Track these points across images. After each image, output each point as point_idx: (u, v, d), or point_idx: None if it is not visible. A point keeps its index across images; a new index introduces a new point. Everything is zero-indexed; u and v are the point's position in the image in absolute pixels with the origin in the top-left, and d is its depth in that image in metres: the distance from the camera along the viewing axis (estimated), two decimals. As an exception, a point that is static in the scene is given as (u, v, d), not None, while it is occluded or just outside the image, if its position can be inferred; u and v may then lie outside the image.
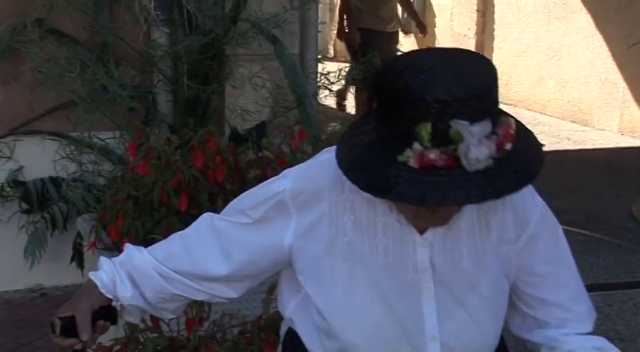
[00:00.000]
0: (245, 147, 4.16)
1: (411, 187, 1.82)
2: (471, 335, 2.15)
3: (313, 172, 2.16)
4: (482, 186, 1.82)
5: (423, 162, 1.81)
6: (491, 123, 1.81)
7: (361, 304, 2.11)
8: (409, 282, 2.11)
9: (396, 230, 2.10)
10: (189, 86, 4.78)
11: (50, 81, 4.90)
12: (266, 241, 2.15)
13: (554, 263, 2.24)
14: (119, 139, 5.12)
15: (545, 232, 2.22)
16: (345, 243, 2.11)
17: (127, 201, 3.59)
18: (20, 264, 5.23)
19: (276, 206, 2.13)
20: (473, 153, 1.79)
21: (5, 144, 5.33)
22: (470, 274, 2.13)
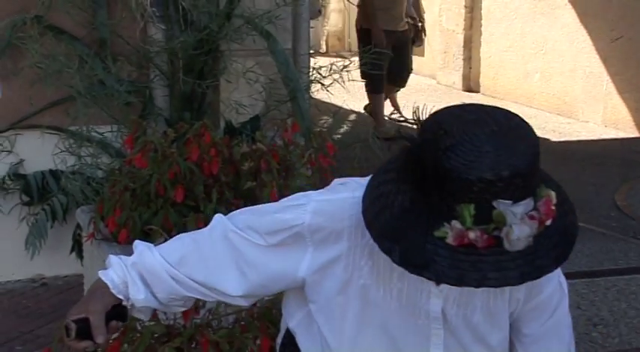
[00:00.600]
0: (239, 139, 4.14)
1: (450, 267, 1.75)
2: None
3: (334, 211, 2.04)
4: (522, 266, 1.75)
5: (462, 240, 1.73)
6: (533, 199, 1.74)
7: (369, 344, 2.08)
8: (419, 326, 2.06)
9: (412, 277, 1.93)
10: (184, 81, 4.77)
11: (49, 76, 4.91)
12: (280, 269, 2.08)
13: (547, 333, 2.16)
14: (117, 133, 5.11)
15: (551, 303, 2.13)
16: (359, 285, 2.04)
17: (125, 193, 3.58)
18: (21, 255, 5.25)
19: (293, 236, 2.05)
20: (515, 233, 1.71)
21: (6, 138, 5.33)
22: (480, 328, 2.08)
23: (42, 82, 5.04)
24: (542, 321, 2.13)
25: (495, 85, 11.86)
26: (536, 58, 11.29)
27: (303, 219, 2.02)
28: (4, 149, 5.33)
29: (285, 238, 2.04)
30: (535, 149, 1.79)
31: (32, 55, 5.01)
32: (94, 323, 2.02)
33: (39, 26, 5.08)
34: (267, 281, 2.10)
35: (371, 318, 2.06)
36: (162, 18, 4.88)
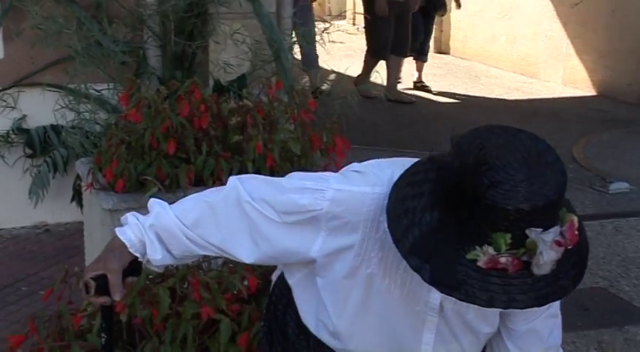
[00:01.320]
0: (227, 97, 4.13)
1: (480, 289, 1.73)
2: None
3: (353, 203, 1.97)
4: (546, 288, 1.74)
5: (494, 265, 1.71)
6: (560, 225, 1.72)
7: (368, 325, 2.06)
8: (416, 312, 2.04)
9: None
10: (176, 42, 4.75)
11: (49, 37, 4.87)
12: (292, 246, 2.03)
13: (533, 331, 2.12)
14: (113, 90, 5.09)
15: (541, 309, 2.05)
16: (367, 274, 2.00)
17: (121, 146, 3.57)
18: (25, 204, 5.26)
19: (308, 219, 1.99)
20: (544, 259, 1.69)
21: (9, 95, 5.31)
22: (472, 323, 2.07)
23: (42, 43, 4.99)
24: (529, 321, 2.09)
25: (464, 48, 11.85)
26: (502, 22, 11.28)
27: (322, 206, 1.96)
28: (8, 105, 5.31)
29: (301, 220, 1.99)
30: (564, 178, 1.74)
31: (33, 17, 4.96)
32: (112, 281, 2.00)
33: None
34: (278, 254, 2.07)
35: (373, 303, 2.03)
36: (155, -18, 4.83)
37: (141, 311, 2.34)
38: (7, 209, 5.39)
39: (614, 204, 6.16)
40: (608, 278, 4.89)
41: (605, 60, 9.69)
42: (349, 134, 3.97)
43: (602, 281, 4.84)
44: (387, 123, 8.32)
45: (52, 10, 4.95)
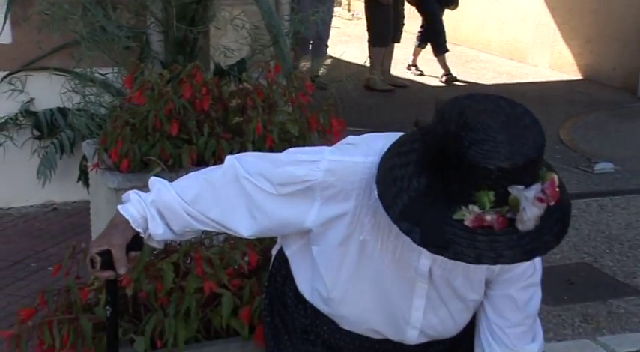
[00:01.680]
0: (227, 80, 4.13)
1: (468, 247, 1.74)
2: (446, 326, 2.12)
3: (347, 172, 1.98)
4: (531, 243, 1.75)
5: (480, 223, 1.73)
6: (541, 183, 1.74)
7: (361, 289, 2.06)
8: (407, 278, 2.04)
9: (407, 237, 1.88)
10: (178, 27, 4.74)
11: (55, 23, 4.87)
12: (288, 217, 2.03)
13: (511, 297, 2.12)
14: (117, 74, 5.10)
15: (523, 278, 2.10)
16: (360, 240, 2.01)
17: (125, 128, 3.56)
18: (34, 183, 5.25)
19: (304, 190, 2.00)
20: (527, 215, 1.71)
21: (18, 79, 5.30)
22: (459, 290, 2.06)
23: (49, 28, 4.98)
24: (509, 287, 2.09)
25: (456, 33, 11.79)
26: (492, 9, 11.26)
27: (316, 176, 1.97)
28: (17, 89, 5.30)
29: (296, 191, 1.99)
30: (542, 138, 1.76)
31: (39, 3, 4.96)
32: (116, 256, 2.01)
33: (46, -23, 5.04)
34: (275, 226, 2.07)
35: (365, 269, 2.03)
36: (158, -31, 4.82)
37: (146, 285, 2.35)
38: (16, 188, 5.38)
39: (598, 184, 6.16)
40: (593, 254, 4.90)
41: (590, 45, 9.68)
42: (345, 117, 3.97)
43: (587, 257, 4.86)
44: (382, 106, 8.32)
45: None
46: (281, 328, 2.21)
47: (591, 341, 3.91)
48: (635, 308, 4.24)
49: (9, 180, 5.36)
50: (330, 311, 2.11)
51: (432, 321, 2.09)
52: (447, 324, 2.11)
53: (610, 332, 4.00)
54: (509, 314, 2.11)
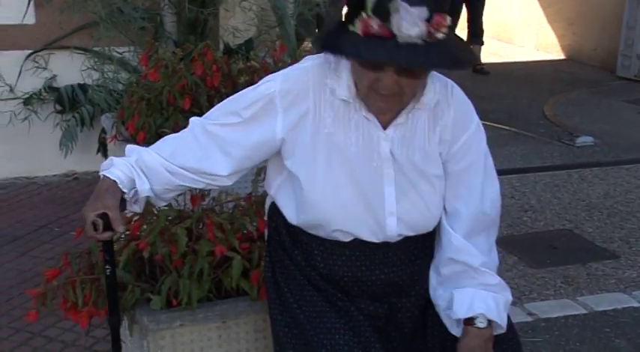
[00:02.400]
0: (236, 58, 4.10)
1: (351, 46, 1.85)
2: (420, 212, 2.11)
3: (299, 75, 2.07)
4: (410, 54, 1.80)
5: (366, 29, 1.80)
6: (428, 11, 1.77)
7: (337, 184, 2.06)
8: (374, 168, 2.07)
9: (365, 126, 2.04)
10: (190, 9, 4.73)
11: (76, 4, 4.88)
12: (259, 137, 2.08)
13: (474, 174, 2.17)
14: (133, 53, 5.10)
15: (472, 146, 2.15)
16: (325, 134, 2.05)
17: (141, 102, 3.56)
18: (57, 154, 5.26)
19: (265, 105, 2.05)
20: (405, 26, 1.76)
21: (41, 57, 5.30)
22: (420, 165, 2.08)
23: (70, 10, 4.97)
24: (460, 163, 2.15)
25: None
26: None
27: (274, 87, 2.05)
28: (40, 66, 5.29)
29: (259, 109, 2.06)
30: None
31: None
32: (114, 216, 2.01)
33: (67, -39, 5.02)
34: (250, 151, 2.11)
35: (336, 163, 2.07)
36: (171, -46, 4.80)
37: (161, 249, 2.34)
38: (40, 159, 5.39)
39: (579, 156, 6.16)
40: (574, 221, 4.90)
41: (573, 27, 9.65)
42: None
43: (568, 224, 4.86)
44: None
45: (79, -20, 4.93)
46: (281, 281, 2.21)
47: (571, 301, 3.92)
48: (612, 271, 4.25)
49: (34, 152, 5.37)
50: (317, 217, 2.11)
51: (405, 206, 2.10)
52: (420, 208, 2.12)
53: (589, 293, 4.00)
54: (466, 199, 2.15)
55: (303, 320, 2.13)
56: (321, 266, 2.16)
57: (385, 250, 2.14)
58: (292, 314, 2.16)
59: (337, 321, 2.10)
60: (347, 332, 2.09)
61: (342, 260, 2.15)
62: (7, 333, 3.51)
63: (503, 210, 4.76)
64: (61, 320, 3.21)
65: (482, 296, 2.13)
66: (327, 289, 2.16)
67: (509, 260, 4.35)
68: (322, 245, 2.15)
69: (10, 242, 4.44)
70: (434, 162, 2.11)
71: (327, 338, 2.08)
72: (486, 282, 2.15)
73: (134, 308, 2.35)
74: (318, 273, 2.17)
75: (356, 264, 2.15)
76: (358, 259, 2.14)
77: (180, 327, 2.31)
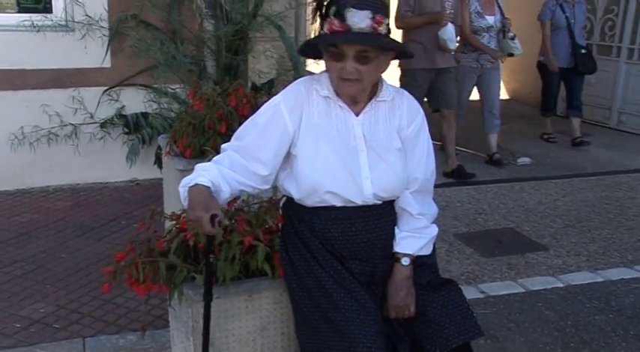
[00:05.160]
0: (261, 94, 4.08)
1: (322, 40, 2.05)
2: (388, 176, 2.17)
3: (294, 88, 2.18)
4: (360, 37, 2.00)
5: (331, 28, 2.00)
6: (372, 13, 2.00)
7: (324, 158, 2.14)
8: (352, 147, 2.15)
9: (341, 115, 2.16)
10: (226, 56, 4.73)
11: (141, 52, 4.90)
12: (278, 136, 2.15)
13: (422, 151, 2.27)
14: (183, 89, 5.12)
15: (421, 133, 2.26)
16: (314, 124, 2.14)
17: (189, 127, 3.54)
18: (124, 165, 5.27)
19: (274, 113, 2.14)
20: (356, 21, 1.98)
21: (114, 92, 5.31)
22: (384, 142, 2.18)
23: (137, 56, 5.01)
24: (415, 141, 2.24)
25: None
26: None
27: (279, 99, 2.16)
28: (113, 99, 5.30)
29: (270, 116, 2.14)
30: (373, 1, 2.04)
31: (131, 39, 4.99)
32: (220, 216, 1.99)
33: (135, 21, 5.07)
34: (276, 149, 2.15)
35: (324, 143, 2.14)
36: (212, 16, 4.80)
37: (203, 239, 2.32)
38: (112, 169, 5.39)
39: (520, 172, 6.16)
40: (516, 222, 4.89)
41: (515, 75, 9.65)
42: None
43: (511, 224, 4.84)
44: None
45: (144, 34, 4.99)
46: (292, 257, 2.23)
47: (513, 282, 3.91)
48: (543, 260, 4.23)
49: (107, 163, 5.37)
50: (311, 184, 2.16)
51: (376, 172, 2.16)
52: (388, 173, 2.18)
53: (526, 276, 4.00)
54: (418, 168, 2.25)
55: (310, 285, 2.17)
56: (320, 235, 2.19)
57: (368, 215, 2.19)
58: (302, 281, 2.19)
59: (334, 283, 2.14)
60: (342, 290, 2.13)
61: (336, 224, 2.18)
62: (87, 300, 3.51)
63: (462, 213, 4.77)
64: (126, 292, 3.18)
65: (410, 241, 2.23)
66: (325, 256, 2.18)
67: (467, 251, 4.33)
68: (320, 216, 2.19)
69: (89, 231, 4.43)
70: (394, 139, 2.19)
71: (326, 296, 2.13)
72: (417, 226, 2.24)
73: (182, 284, 2.32)
74: (319, 241, 2.19)
75: (347, 225, 2.18)
76: (348, 222, 2.18)
77: (216, 299, 2.28)
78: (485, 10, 6.04)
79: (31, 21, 4.92)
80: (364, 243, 2.19)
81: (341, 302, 2.10)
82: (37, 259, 3.97)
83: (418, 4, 5.46)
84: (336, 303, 2.10)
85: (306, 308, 2.17)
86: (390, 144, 2.18)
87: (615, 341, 3.29)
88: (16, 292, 3.57)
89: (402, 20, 5.48)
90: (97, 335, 3.13)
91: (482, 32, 6.02)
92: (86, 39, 5.06)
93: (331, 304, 2.11)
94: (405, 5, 5.49)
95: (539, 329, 3.37)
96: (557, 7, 6.77)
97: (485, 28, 6.02)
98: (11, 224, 4.50)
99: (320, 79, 2.17)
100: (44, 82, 5.07)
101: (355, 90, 2.10)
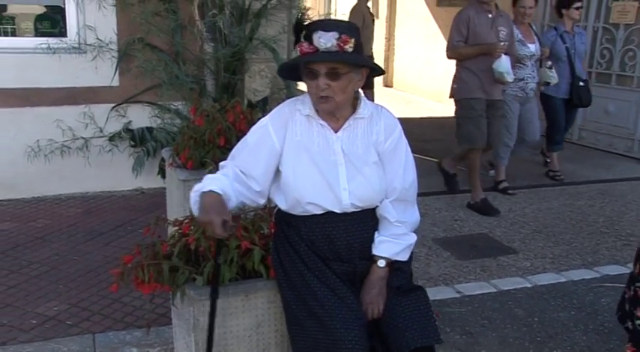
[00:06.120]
0: (256, 110, 4.10)
1: (293, 60, 2.11)
2: (364, 187, 2.19)
3: (280, 110, 2.23)
4: (327, 55, 2.03)
5: (301, 50, 2.04)
6: (338, 33, 2.03)
7: (306, 172, 2.17)
8: (332, 161, 2.18)
9: (322, 132, 2.19)
10: (224, 76, 4.74)
11: (147, 72, 4.89)
12: (266, 153, 2.19)
13: (399, 163, 2.27)
14: (185, 106, 5.11)
15: (399, 145, 2.26)
16: (296, 141, 2.18)
17: (190, 140, 3.54)
18: (130, 176, 5.27)
19: (263, 133, 2.19)
20: (323, 42, 2.02)
21: (122, 108, 5.28)
22: (362, 156, 2.19)
23: (143, 76, 5.01)
24: (392, 154, 2.25)
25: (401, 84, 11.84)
26: (425, 68, 11.27)
27: (267, 121, 2.21)
28: (120, 114, 5.28)
29: (259, 136, 2.19)
30: (345, 22, 2.13)
31: (138, 60, 4.98)
32: (231, 221, 2.02)
33: (142, 43, 5.05)
34: (265, 166, 2.20)
35: (305, 158, 2.17)
36: (212, 39, 4.80)
37: (204, 243, 2.32)
38: (119, 179, 5.37)
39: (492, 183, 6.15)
40: (489, 228, 4.91)
41: (488, 93, 9.69)
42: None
43: (484, 230, 4.87)
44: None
45: (149, 56, 4.99)
46: (282, 259, 2.26)
47: (486, 283, 3.92)
48: (514, 262, 4.26)
49: (114, 173, 5.35)
50: (295, 196, 2.18)
51: (354, 183, 2.18)
52: (365, 186, 2.19)
53: (498, 277, 4.01)
54: (395, 178, 2.24)
55: (297, 283, 2.20)
56: (306, 238, 2.22)
57: (348, 220, 2.21)
58: (291, 281, 2.22)
59: (318, 282, 2.17)
60: (325, 288, 2.16)
61: (319, 229, 2.21)
62: (97, 298, 3.51)
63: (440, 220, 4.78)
64: (133, 291, 3.19)
65: (387, 245, 2.23)
66: (311, 258, 2.20)
67: (444, 254, 4.35)
68: (305, 222, 2.22)
69: (98, 236, 4.41)
70: (371, 153, 2.20)
71: (311, 294, 2.15)
72: (395, 233, 2.24)
73: (184, 285, 2.33)
74: (305, 244, 2.22)
75: (329, 230, 2.20)
76: (330, 227, 2.21)
77: (216, 298, 2.29)
78: (526, 38, 5.53)
79: (48, 44, 4.92)
80: (344, 245, 2.21)
81: (324, 299, 2.12)
82: (51, 261, 3.96)
83: (472, 34, 4.89)
84: (321, 300, 2.12)
85: (295, 306, 2.19)
86: (368, 158, 2.19)
87: (577, 335, 3.32)
88: (32, 291, 3.56)
89: (454, 50, 4.96)
90: (105, 332, 3.13)
91: (525, 60, 5.53)
92: (97, 60, 5.06)
93: (316, 301, 2.13)
94: (457, 35, 4.92)
95: (510, 325, 3.40)
96: (558, 38, 6.03)
97: (528, 56, 5.54)
98: (28, 229, 4.48)
99: (304, 100, 2.21)
100: (58, 100, 5.07)
101: (330, 107, 2.13)
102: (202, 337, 2.29)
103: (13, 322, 3.21)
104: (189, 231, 2.40)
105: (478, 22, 4.89)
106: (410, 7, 11.69)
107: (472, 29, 4.89)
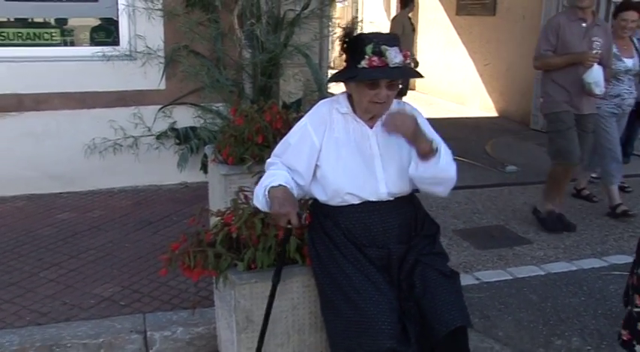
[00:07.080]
0: (291, 111, 4.10)
1: (364, 74, 2.05)
2: (400, 179, 2.20)
3: (318, 110, 2.24)
4: (397, 72, 2.05)
5: (370, 63, 2.03)
6: (399, 49, 2.05)
7: (344, 165, 2.18)
8: (368, 154, 2.20)
9: (358, 129, 2.20)
10: (261, 79, 4.75)
11: (191, 76, 4.92)
12: (307, 151, 2.19)
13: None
14: (225, 107, 5.12)
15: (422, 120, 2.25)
16: (335, 138, 2.19)
17: (231, 138, 3.56)
18: (175, 171, 5.30)
19: (303, 133, 2.20)
20: (394, 58, 2.02)
21: (168, 110, 5.31)
22: (395, 148, 2.20)
23: (187, 80, 5.03)
24: None
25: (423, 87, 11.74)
26: (446, 73, 11.17)
27: (306, 121, 2.22)
28: (167, 115, 5.31)
29: (299, 136, 2.20)
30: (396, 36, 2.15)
31: (182, 65, 5.00)
32: (300, 213, 2.10)
33: (186, 50, 5.08)
34: (307, 162, 2.20)
35: (344, 152, 2.18)
36: (250, 46, 4.81)
37: (245, 231, 2.33)
38: (165, 174, 5.40)
39: (508, 178, 6.10)
40: (505, 220, 4.86)
41: (503, 96, 9.58)
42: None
43: (501, 222, 4.81)
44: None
45: (193, 62, 5.01)
46: (318, 249, 2.25)
47: (503, 271, 3.88)
48: (528, 252, 4.20)
49: (161, 169, 5.40)
50: (334, 188, 2.18)
51: (389, 174, 2.19)
52: (400, 176, 2.19)
53: (514, 266, 3.97)
54: None
55: (333, 270, 2.19)
56: (343, 227, 2.21)
57: (384, 208, 2.21)
58: (326, 268, 2.21)
59: (353, 268, 2.16)
60: (360, 274, 2.15)
61: (356, 217, 2.20)
62: (146, 282, 3.54)
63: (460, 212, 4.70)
64: (179, 276, 3.21)
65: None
66: (347, 246, 2.19)
67: (464, 244, 4.32)
68: (343, 212, 2.21)
69: (147, 225, 4.46)
70: (403, 144, 2.17)
71: (347, 279, 2.14)
72: None
73: (227, 270, 2.34)
74: (342, 232, 2.21)
75: (365, 218, 2.20)
76: (366, 214, 2.20)
77: (255, 283, 2.30)
78: (623, 52, 4.74)
79: (102, 52, 4.99)
80: (380, 231, 2.20)
81: (359, 284, 2.12)
82: (105, 248, 4.02)
83: (561, 42, 4.22)
84: (356, 285, 2.12)
85: (330, 291, 2.18)
86: (401, 149, 2.20)
87: (586, 319, 3.26)
88: (89, 274, 3.62)
89: (541, 60, 4.29)
90: (154, 312, 3.16)
91: (621, 75, 4.76)
92: (146, 66, 5.11)
93: (351, 286, 2.12)
94: (545, 44, 4.26)
95: (525, 310, 3.35)
96: None
97: (624, 70, 4.76)
98: (85, 219, 4.55)
99: (339, 99, 2.23)
100: (111, 102, 5.13)
101: (382, 110, 2.16)
102: (242, 317, 2.30)
103: (74, 301, 3.27)
104: (232, 221, 2.41)
105: (569, 30, 4.22)
106: (431, 16, 11.58)
107: (562, 38, 4.21)
